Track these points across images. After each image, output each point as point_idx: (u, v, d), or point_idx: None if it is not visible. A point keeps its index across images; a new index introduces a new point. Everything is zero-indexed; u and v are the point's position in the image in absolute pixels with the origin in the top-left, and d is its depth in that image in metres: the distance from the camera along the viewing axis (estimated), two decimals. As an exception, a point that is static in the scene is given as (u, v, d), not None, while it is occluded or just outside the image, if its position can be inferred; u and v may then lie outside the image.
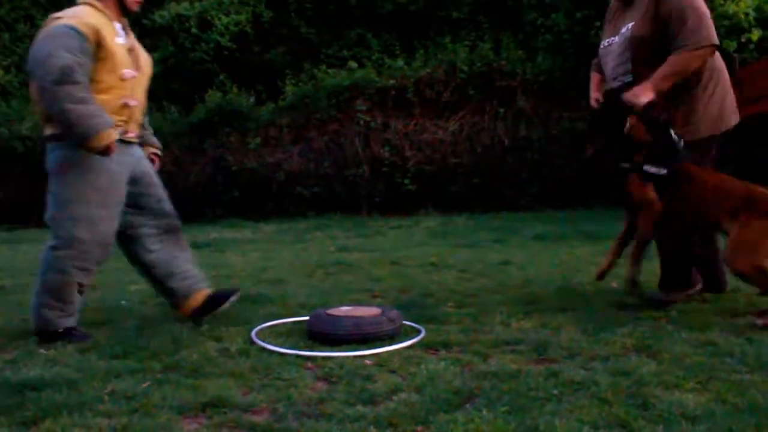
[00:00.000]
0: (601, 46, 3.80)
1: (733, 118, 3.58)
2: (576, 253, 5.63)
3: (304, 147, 11.03)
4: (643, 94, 3.36)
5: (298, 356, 2.85)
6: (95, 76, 3.20)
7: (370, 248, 6.61)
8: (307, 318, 3.33)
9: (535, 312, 3.55)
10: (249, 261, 6.13)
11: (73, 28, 3.12)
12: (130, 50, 3.40)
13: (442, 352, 2.90)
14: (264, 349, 2.97)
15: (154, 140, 3.86)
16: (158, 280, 3.59)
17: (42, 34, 3.17)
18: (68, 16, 3.19)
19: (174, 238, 3.61)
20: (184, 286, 3.58)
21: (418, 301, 3.93)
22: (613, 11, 3.80)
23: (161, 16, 13.25)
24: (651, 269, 3.88)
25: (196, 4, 13.63)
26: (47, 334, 3.25)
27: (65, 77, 3.02)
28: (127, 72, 3.33)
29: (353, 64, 11.40)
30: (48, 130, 3.29)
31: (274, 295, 4.24)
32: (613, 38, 3.68)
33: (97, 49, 3.18)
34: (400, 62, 11.18)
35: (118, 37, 3.32)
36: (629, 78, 3.56)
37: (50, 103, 3.07)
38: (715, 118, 3.51)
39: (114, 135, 3.14)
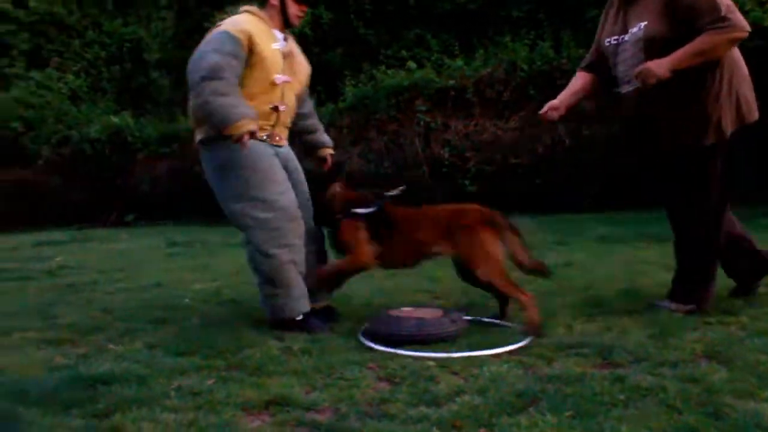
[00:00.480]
0: (606, 43, 3.59)
1: (753, 115, 3.39)
2: (640, 255, 5.50)
3: (364, 148, 11.08)
4: (657, 71, 3.17)
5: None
6: (246, 81, 3.32)
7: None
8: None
9: (599, 315, 3.48)
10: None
11: (227, 33, 3.29)
12: (286, 55, 3.52)
13: (505, 355, 2.87)
14: (327, 348, 3.00)
15: (326, 139, 3.96)
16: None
17: (202, 42, 3.35)
18: (226, 23, 3.37)
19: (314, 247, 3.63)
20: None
21: (479, 303, 3.90)
22: (615, 6, 3.59)
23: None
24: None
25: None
26: (284, 323, 3.35)
27: (213, 73, 3.16)
28: (279, 77, 3.44)
29: (412, 65, 11.39)
30: (198, 135, 3.43)
31: (337, 295, 4.27)
32: (622, 36, 3.48)
33: (249, 54, 3.32)
34: (460, 62, 11.13)
35: (275, 43, 3.45)
36: None
37: (196, 97, 3.21)
38: (728, 122, 3.33)
39: (253, 125, 3.19)
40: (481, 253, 3.31)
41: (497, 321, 3.38)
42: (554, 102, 3.68)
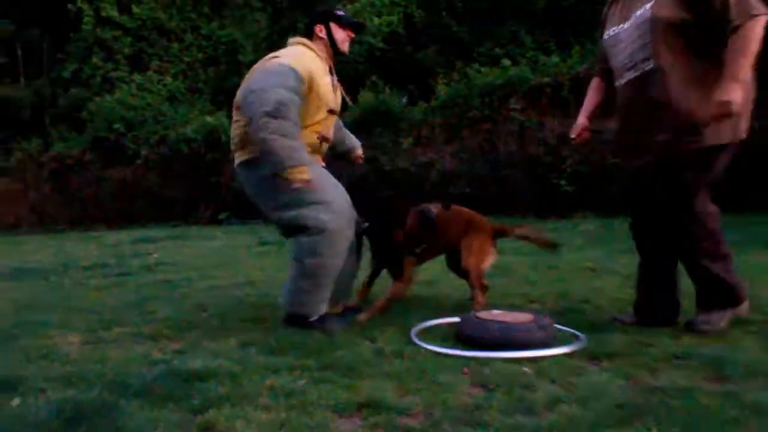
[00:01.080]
0: (606, 37, 3.40)
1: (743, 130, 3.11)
2: (751, 261, 5.20)
3: (458, 147, 11.01)
4: (734, 95, 2.86)
5: (459, 358, 2.83)
6: (301, 113, 3.36)
7: (527, 251, 6.48)
8: (457, 320, 3.31)
9: (708, 324, 3.30)
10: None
11: (292, 69, 3.30)
12: (335, 88, 3.63)
13: (605, 363, 2.76)
14: (419, 350, 2.96)
15: (357, 142, 4.21)
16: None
17: (259, 71, 3.36)
18: (287, 56, 3.39)
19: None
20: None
21: (576, 308, 3.79)
22: (619, 1, 3.38)
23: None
24: None
25: (349, 6, 13.98)
26: (298, 319, 3.43)
27: (279, 111, 3.16)
28: (331, 109, 3.56)
29: (506, 62, 11.25)
30: (241, 156, 3.50)
31: (428, 296, 4.26)
32: (621, 26, 3.26)
33: (308, 91, 3.38)
34: (555, 59, 10.90)
35: (327, 77, 3.54)
36: (650, 65, 3.11)
37: (257, 132, 3.19)
38: (744, 124, 3.08)
39: (308, 175, 3.25)
40: (476, 248, 3.91)
41: (577, 333, 3.24)
42: (579, 122, 3.62)
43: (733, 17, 2.91)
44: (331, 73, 3.62)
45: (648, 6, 3.13)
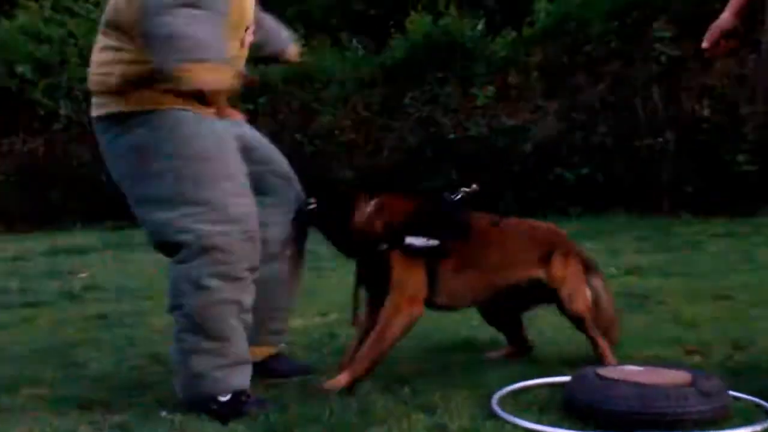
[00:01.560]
0: None
1: None
2: None
3: (566, 103, 10.96)
4: None
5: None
6: None
7: (680, 270, 6.45)
8: (567, 380, 3.33)
9: None
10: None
11: None
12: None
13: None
14: (504, 428, 2.96)
15: (286, 38, 4.25)
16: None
17: None
18: None
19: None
20: (273, 325, 3.84)
21: (764, 364, 3.77)
22: None
23: None
24: None
25: None
26: (200, 402, 3.36)
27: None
28: (242, 38, 3.60)
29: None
30: (106, 107, 3.42)
31: (532, 340, 4.27)
32: None
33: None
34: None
35: None
36: None
37: (158, 26, 3.14)
38: None
39: (234, 80, 3.30)
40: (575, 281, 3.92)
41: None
42: (722, 22, 3.63)
43: None
44: None
45: None
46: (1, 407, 3.47)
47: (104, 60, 3.40)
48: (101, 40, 3.43)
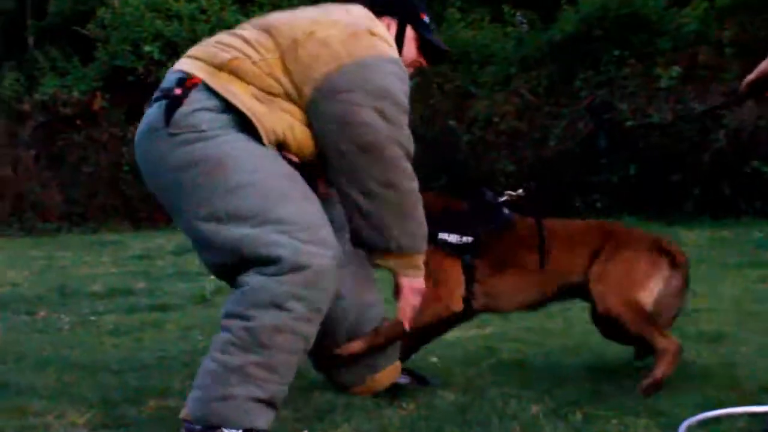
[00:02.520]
0: None
1: None
2: None
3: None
4: None
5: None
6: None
7: None
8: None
9: None
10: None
11: (404, 71, 3.53)
12: None
13: None
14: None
15: None
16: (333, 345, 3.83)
17: (373, 57, 3.44)
18: (385, 39, 3.54)
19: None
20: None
21: None
22: None
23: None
24: None
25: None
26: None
27: (410, 152, 3.41)
28: None
29: None
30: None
31: (713, 365, 4.22)
32: None
33: None
34: None
35: None
36: None
37: (388, 167, 3.38)
38: None
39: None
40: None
41: None
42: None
43: None
44: None
45: None
46: (127, 420, 3.54)
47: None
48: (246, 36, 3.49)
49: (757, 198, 10.39)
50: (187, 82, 3.36)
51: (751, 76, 3.76)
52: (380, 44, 3.47)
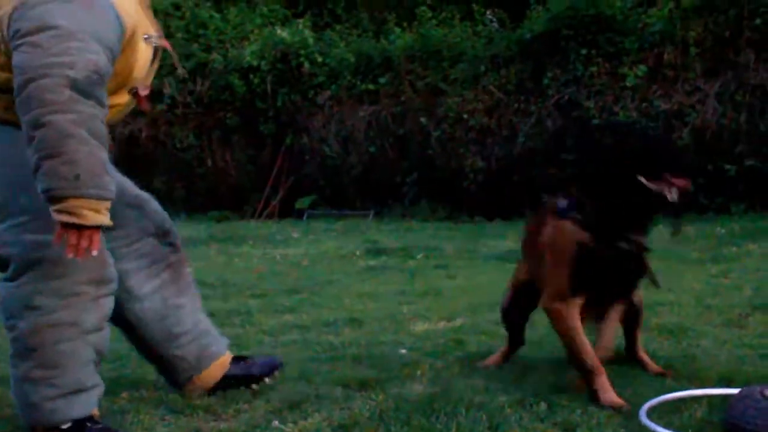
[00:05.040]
0: None
1: None
2: None
3: (729, 82, 10.76)
4: None
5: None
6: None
7: None
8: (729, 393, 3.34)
9: None
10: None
11: (114, 9, 3.21)
12: (154, 57, 3.66)
13: None
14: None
15: None
16: (150, 346, 3.75)
17: None
18: None
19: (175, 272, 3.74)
20: (194, 350, 3.77)
21: None
22: None
23: None
24: None
25: None
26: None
27: (91, 87, 3.02)
28: (135, 91, 3.58)
29: None
30: None
31: (674, 357, 4.29)
32: None
33: (120, 56, 3.30)
34: None
35: (148, 33, 3.56)
36: None
37: (47, 107, 2.91)
38: None
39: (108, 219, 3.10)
40: None
41: None
42: None
43: None
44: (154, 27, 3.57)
45: None
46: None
47: None
48: None
49: (719, 194, 10.44)
50: None
51: None
52: None
